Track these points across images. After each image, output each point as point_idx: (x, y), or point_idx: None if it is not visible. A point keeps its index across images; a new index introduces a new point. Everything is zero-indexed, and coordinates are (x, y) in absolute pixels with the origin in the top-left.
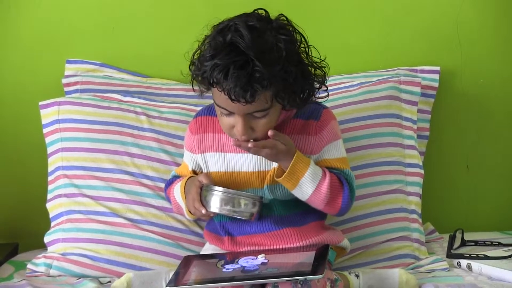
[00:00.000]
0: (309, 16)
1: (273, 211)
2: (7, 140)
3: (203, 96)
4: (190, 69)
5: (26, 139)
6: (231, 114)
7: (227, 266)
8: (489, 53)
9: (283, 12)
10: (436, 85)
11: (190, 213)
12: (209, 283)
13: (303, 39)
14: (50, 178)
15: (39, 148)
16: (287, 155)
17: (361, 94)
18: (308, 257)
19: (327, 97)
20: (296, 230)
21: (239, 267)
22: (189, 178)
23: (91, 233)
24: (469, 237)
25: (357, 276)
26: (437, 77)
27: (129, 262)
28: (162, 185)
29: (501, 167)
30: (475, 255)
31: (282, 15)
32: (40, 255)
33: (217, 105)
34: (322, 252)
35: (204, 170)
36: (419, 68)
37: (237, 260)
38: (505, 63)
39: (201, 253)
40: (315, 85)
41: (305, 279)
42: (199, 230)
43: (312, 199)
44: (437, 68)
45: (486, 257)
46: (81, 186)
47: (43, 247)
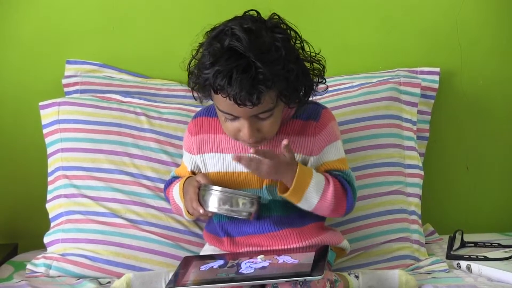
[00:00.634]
0: (309, 17)
1: (272, 211)
2: (7, 140)
3: (201, 100)
4: (189, 78)
5: (26, 140)
6: (236, 118)
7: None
8: (489, 54)
9: (282, 13)
10: (436, 86)
11: (188, 213)
12: (209, 284)
13: (297, 35)
14: (50, 178)
15: (39, 148)
16: (288, 168)
17: (361, 95)
18: (307, 258)
19: (327, 89)
20: (295, 231)
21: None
22: (187, 178)
23: (90, 233)
24: (468, 238)
25: (357, 277)
26: (437, 78)
27: (129, 262)
28: (161, 186)
29: (501, 168)
30: (475, 256)
31: (274, 14)
32: (39, 256)
33: (220, 111)
34: (321, 253)
35: (203, 170)
36: (419, 69)
37: (237, 261)
38: (505, 64)
39: (201, 254)
40: (314, 79)
41: (305, 280)
42: (198, 231)
43: (317, 209)
44: (437, 69)
45: (485, 258)
46: (80, 186)
47: (42, 247)
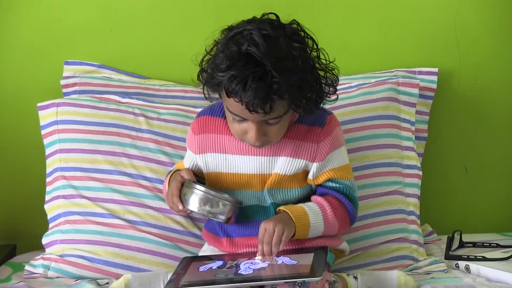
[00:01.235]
0: (308, 17)
1: (272, 214)
2: (5, 141)
3: (211, 99)
4: (200, 76)
5: (24, 140)
6: (244, 120)
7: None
8: (487, 54)
9: (281, 13)
10: (434, 86)
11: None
12: (207, 285)
13: (314, 44)
14: (48, 179)
15: (37, 149)
16: (289, 229)
17: (359, 95)
18: (306, 259)
19: (337, 99)
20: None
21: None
22: (175, 171)
23: (89, 234)
24: (467, 238)
25: (356, 277)
26: (435, 78)
27: (127, 263)
28: (160, 186)
29: (499, 169)
30: (474, 257)
31: (294, 21)
32: (38, 257)
33: (230, 111)
34: (320, 254)
35: (204, 170)
36: (417, 69)
37: (236, 262)
38: (504, 65)
39: (200, 254)
40: (326, 89)
41: (304, 281)
42: (197, 231)
43: (325, 233)
44: (435, 69)
45: (484, 259)
46: (79, 187)
47: (41, 248)
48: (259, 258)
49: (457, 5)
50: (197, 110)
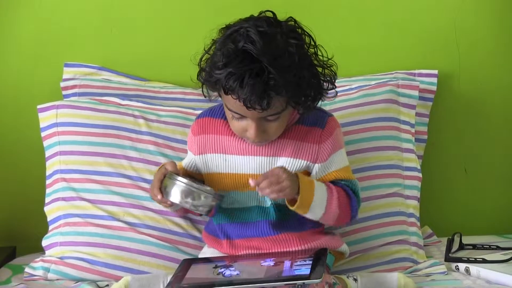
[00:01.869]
0: (307, 19)
1: (272, 215)
2: (5, 143)
3: (211, 100)
4: (199, 75)
5: (24, 143)
6: (243, 118)
7: (225, 273)
8: (487, 56)
9: (281, 15)
10: (434, 88)
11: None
12: (208, 287)
13: (312, 41)
14: (48, 181)
15: (37, 151)
16: (292, 188)
17: (359, 97)
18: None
19: (336, 96)
20: (294, 235)
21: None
22: (161, 167)
23: (89, 236)
24: (467, 240)
25: (355, 279)
26: (435, 80)
27: (127, 265)
28: None
29: (499, 171)
30: (473, 259)
31: (291, 18)
32: (38, 259)
33: (229, 109)
34: (320, 256)
35: (203, 171)
36: (417, 71)
37: (236, 264)
38: (503, 67)
39: (200, 256)
40: (325, 85)
41: (303, 283)
42: (197, 233)
43: (324, 219)
44: (435, 71)
45: (484, 261)
46: (79, 189)
47: (41, 250)
48: (251, 181)
49: (457, 7)
50: (197, 112)
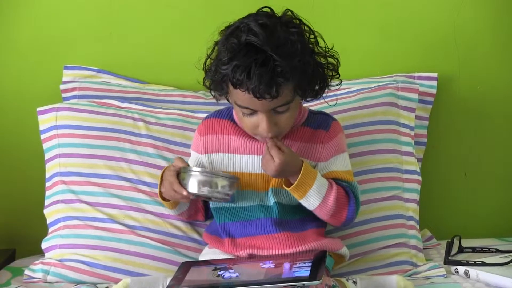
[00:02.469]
0: (306, 22)
1: (275, 214)
2: (5, 145)
3: (219, 102)
4: (205, 77)
5: (24, 145)
6: (254, 113)
7: (225, 275)
8: (486, 59)
9: None
10: (433, 91)
11: (164, 200)
12: None
13: (310, 30)
14: (47, 184)
15: (36, 154)
16: (294, 168)
17: (359, 100)
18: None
19: (341, 83)
20: (295, 235)
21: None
22: (165, 169)
23: (88, 239)
24: (466, 243)
25: (355, 282)
26: (434, 83)
27: (127, 268)
28: None
29: (499, 174)
30: (473, 262)
31: (288, 10)
32: (37, 261)
33: (238, 106)
34: (319, 258)
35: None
36: (416, 74)
37: (235, 266)
38: (503, 69)
39: (200, 258)
40: (329, 73)
41: (303, 285)
42: (196, 236)
43: (318, 210)
44: (435, 74)
45: (483, 264)
46: (78, 192)
47: (40, 253)
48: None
49: (457, 10)
50: (196, 114)
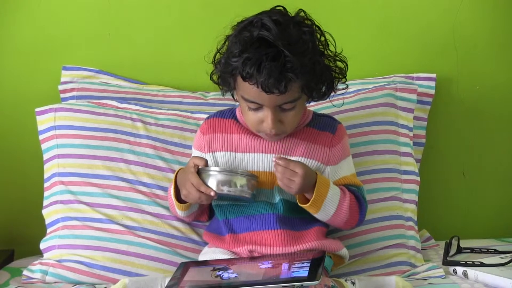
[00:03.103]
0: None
1: (279, 210)
2: (3, 146)
3: (225, 96)
4: (214, 69)
5: (22, 145)
6: (259, 109)
7: (224, 275)
8: (485, 60)
9: None
10: (432, 92)
11: (179, 203)
12: None
13: (321, 32)
14: (46, 184)
15: (35, 154)
16: (312, 179)
17: (357, 101)
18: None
19: (347, 87)
20: (297, 233)
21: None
22: (179, 170)
23: (87, 239)
24: (465, 244)
25: (353, 283)
26: (433, 84)
27: (125, 269)
28: (158, 192)
29: (497, 174)
30: (471, 262)
31: (301, 10)
32: (36, 262)
33: (245, 100)
34: (318, 258)
35: None
36: (415, 75)
37: (234, 267)
38: (501, 70)
39: (200, 257)
40: (336, 76)
41: (302, 285)
42: (195, 237)
43: (332, 220)
44: (433, 75)
45: (482, 264)
46: (77, 192)
47: (39, 253)
48: (274, 158)
49: (456, 10)
50: (195, 115)
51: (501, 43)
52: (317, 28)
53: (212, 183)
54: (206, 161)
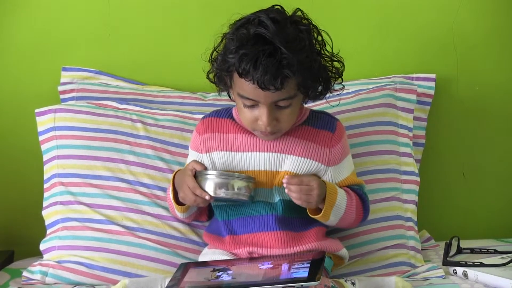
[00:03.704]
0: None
1: (278, 211)
2: (3, 147)
3: (220, 95)
4: (211, 67)
5: (22, 147)
6: (255, 106)
7: (223, 276)
8: (484, 60)
9: None
10: (432, 92)
11: (178, 205)
12: None
13: (318, 32)
14: (46, 185)
15: (35, 155)
16: (318, 202)
17: (357, 101)
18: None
19: (343, 88)
20: (297, 234)
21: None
22: (176, 172)
23: (87, 240)
24: (465, 244)
25: (353, 283)
26: (433, 84)
27: (125, 269)
28: (158, 193)
29: (497, 174)
30: (471, 263)
31: (298, 10)
32: (35, 263)
33: (241, 97)
34: (318, 259)
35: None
36: (415, 75)
37: (234, 267)
38: (501, 70)
39: (200, 258)
40: (333, 75)
41: (302, 285)
42: (195, 238)
43: (339, 223)
44: (433, 75)
45: (482, 265)
46: (77, 193)
47: (39, 254)
48: (285, 180)
49: (455, 11)
50: (195, 116)
51: (500, 43)
52: (314, 27)
53: (209, 186)
54: (205, 167)
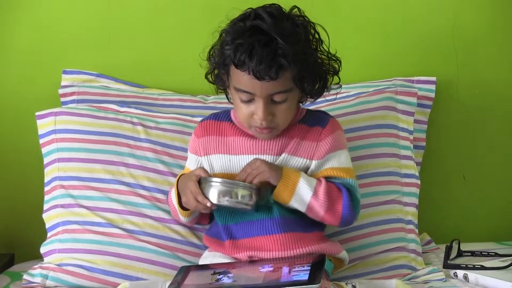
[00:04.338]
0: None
1: (277, 214)
2: (3, 150)
3: (218, 93)
4: (208, 72)
5: (22, 149)
6: (251, 101)
7: (224, 279)
8: (485, 63)
9: None
10: (432, 95)
11: (183, 210)
12: None
13: (314, 29)
14: (46, 188)
15: (35, 158)
16: (269, 172)
17: (358, 104)
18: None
19: (340, 87)
20: (297, 236)
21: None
22: (181, 176)
23: (87, 243)
24: (465, 247)
25: (354, 286)
26: (433, 87)
27: (126, 272)
28: (158, 196)
29: (497, 177)
30: (472, 266)
31: (295, 7)
32: (36, 266)
33: (237, 90)
34: (318, 262)
35: (209, 172)
36: (415, 78)
37: (234, 270)
38: (501, 73)
39: (200, 261)
40: (329, 72)
41: None
42: (196, 240)
43: (311, 208)
44: (434, 78)
45: (482, 268)
46: (77, 196)
47: (39, 257)
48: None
49: (455, 14)
50: (195, 119)
51: (501, 46)
52: (311, 24)
53: (213, 193)
54: (207, 172)
